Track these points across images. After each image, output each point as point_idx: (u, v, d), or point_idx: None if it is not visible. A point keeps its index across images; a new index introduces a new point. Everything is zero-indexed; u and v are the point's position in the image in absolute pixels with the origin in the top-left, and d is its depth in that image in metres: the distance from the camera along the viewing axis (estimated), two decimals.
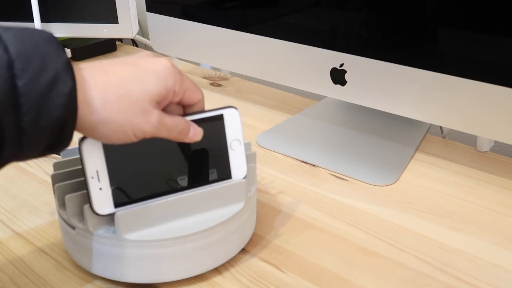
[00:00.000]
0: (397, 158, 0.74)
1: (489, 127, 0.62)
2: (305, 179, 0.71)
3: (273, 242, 0.60)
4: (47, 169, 0.73)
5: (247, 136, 0.61)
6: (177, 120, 0.50)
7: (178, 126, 0.50)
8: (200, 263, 0.54)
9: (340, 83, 0.72)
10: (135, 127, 0.46)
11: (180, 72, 0.50)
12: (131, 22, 0.99)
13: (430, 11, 0.63)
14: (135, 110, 0.46)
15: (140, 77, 0.47)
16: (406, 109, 0.68)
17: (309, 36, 0.74)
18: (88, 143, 0.49)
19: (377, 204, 0.66)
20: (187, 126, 0.51)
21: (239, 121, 0.55)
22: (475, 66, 0.61)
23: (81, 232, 0.52)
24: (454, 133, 0.83)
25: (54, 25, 1.02)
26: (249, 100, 0.94)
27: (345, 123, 0.83)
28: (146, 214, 0.51)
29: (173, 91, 0.49)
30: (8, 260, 0.57)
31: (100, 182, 0.50)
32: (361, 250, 0.58)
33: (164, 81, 0.48)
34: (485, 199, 0.66)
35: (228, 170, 0.55)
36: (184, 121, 0.50)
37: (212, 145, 0.54)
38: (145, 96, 0.46)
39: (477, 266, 0.56)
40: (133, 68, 0.47)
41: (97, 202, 0.50)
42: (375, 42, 0.69)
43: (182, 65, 1.11)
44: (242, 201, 0.55)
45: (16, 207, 0.66)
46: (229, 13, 0.84)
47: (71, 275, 0.55)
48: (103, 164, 0.50)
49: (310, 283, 0.54)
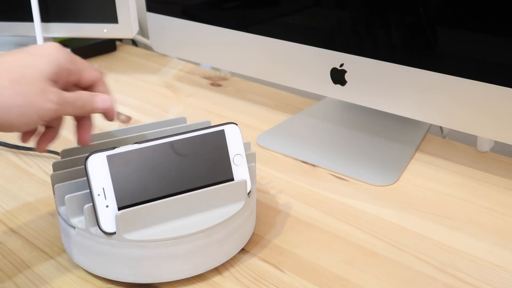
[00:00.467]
0: (397, 158, 0.74)
1: (489, 127, 0.62)
2: (305, 179, 0.71)
3: (273, 242, 0.60)
4: (47, 169, 0.73)
5: (247, 136, 0.61)
6: (78, 94, 0.51)
7: (81, 98, 0.51)
8: (200, 263, 0.54)
9: (340, 83, 0.72)
10: (38, 108, 0.47)
11: (70, 53, 0.52)
12: (131, 22, 0.99)
13: (430, 11, 0.63)
14: (32, 91, 0.47)
15: (31, 61, 0.49)
16: (406, 109, 0.68)
17: (309, 36, 0.74)
18: (93, 160, 0.49)
19: (377, 204, 0.66)
20: (91, 96, 0.52)
21: (240, 136, 0.55)
22: (475, 66, 0.61)
23: (81, 232, 0.52)
24: (454, 133, 0.82)
25: (54, 25, 1.02)
26: (249, 100, 0.94)
27: (345, 123, 0.83)
28: (146, 214, 0.51)
29: (66, 69, 0.51)
30: (8, 260, 0.57)
31: (107, 200, 0.50)
32: (361, 250, 0.58)
33: (55, 60, 0.50)
34: (485, 199, 0.66)
35: None
36: (87, 93, 0.52)
37: (215, 161, 0.54)
38: (39, 76, 0.48)
39: (477, 266, 0.56)
40: (23, 55, 0.50)
41: (104, 220, 0.50)
42: (375, 42, 0.69)
43: (182, 65, 1.11)
44: (242, 201, 0.55)
45: (16, 207, 0.66)
46: (229, 13, 0.84)
47: (71, 275, 0.55)
48: (109, 181, 0.50)
49: (310, 283, 0.54)
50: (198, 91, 0.98)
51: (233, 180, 0.55)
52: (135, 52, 1.19)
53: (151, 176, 0.51)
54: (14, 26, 1.04)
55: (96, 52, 1.15)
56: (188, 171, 0.53)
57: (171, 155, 0.52)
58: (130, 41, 1.26)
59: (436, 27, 0.63)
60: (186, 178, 0.53)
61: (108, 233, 0.50)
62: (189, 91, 0.98)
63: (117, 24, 1.00)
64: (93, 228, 0.51)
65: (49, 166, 0.73)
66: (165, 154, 0.52)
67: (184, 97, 0.96)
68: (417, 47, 0.65)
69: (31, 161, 0.75)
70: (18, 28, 1.04)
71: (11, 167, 0.74)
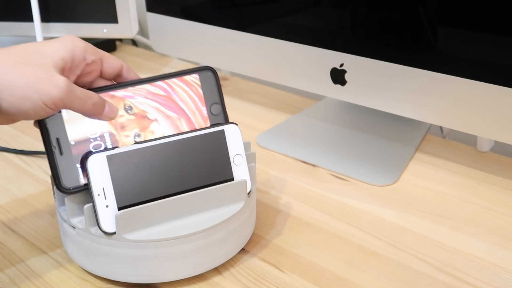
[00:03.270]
0: (397, 158, 0.74)
1: (489, 127, 0.62)
2: (305, 179, 0.71)
3: (273, 242, 0.60)
4: (47, 169, 0.73)
5: (247, 136, 0.61)
6: (90, 93, 0.49)
7: (91, 98, 0.49)
8: (200, 263, 0.54)
9: (340, 83, 0.72)
10: (42, 93, 0.45)
11: (89, 44, 0.50)
12: (131, 22, 0.99)
13: (430, 11, 0.63)
14: (37, 74, 0.45)
15: (41, 47, 0.47)
16: (406, 109, 0.68)
17: (309, 36, 0.74)
18: (93, 160, 0.49)
19: (377, 204, 0.66)
20: (102, 101, 0.50)
21: (240, 136, 0.55)
22: (475, 66, 0.61)
23: (81, 232, 0.52)
24: (454, 133, 0.83)
25: (54, 25, 1.02)
26: (249, 100, 0.94)
27: (345, 123, 0.83)
28: (146, 214, 0.51)
29: (83, 59, 0.49)
30: (8, 260, 0.57)
31: (107, 200, 0.50)
32: (361, 250, 0.58)
33: (71, 48, 0.48)
34: (485, 199, 0.66)
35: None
36: (99, 96, 0.50)
37: (215, 161, 0.54)
38: (47, 61, 0.46)
39: (477, 266, 0.56)
40: (36, 43, 0.48)
41: (104, 220, 0.50)
42: (375, 42, 0.69)
43: (182, 65, 1.11)
44: (242, 201, 0.55)
45: (16, 207, 0.66)
46: (229, 13, 0.84)
47: (71, 275, 0.55)
48: (109, 181, 0.50)
49: (310, 283, 0.54)
50: None
51: (233, 180, 0.55)
52: (135, 52, 1.19)
53: (151, 176, 0.51)
54: (14, 26, 1.04)
55: None
56: (188, 171, 0.53)
57: (171, 155, 0.52)
58: (130, 41, 1.26)
59: (436, 27, 0.63)
60: (186, 178, 0.53)
61: (108, 233, 0.50)
62: None
63: (117, 24, 1.00)
64: (93, 228, 0.51)
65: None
66: (165, 154, 0.52)
67: None
68: (417, 47, 0.65)
69: (31, 161, 0.75)
70: (18, 28, 1.04)
71: (11, 167, 0.74)
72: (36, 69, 0.45)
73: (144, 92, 0.55)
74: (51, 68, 0.46)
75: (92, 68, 0.51)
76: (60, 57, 0.47)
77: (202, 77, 0.57)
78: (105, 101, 0.51)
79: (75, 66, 0.49)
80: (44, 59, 0.46)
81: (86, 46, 0.50)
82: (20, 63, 0.45)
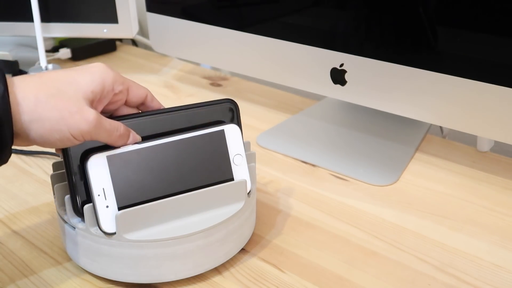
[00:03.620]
0: (397, 158, 0.74)
1: (489, 127, 0.62)
2: (305, 179, 0.71)
3: (273, 242, 0.60)
4: (47, 169, 0.73)
5: (247, 136, 0.61)
6: (117, 124, 0.50)
7: (118, 130, 0.50)
8: (200, 263, 0.54)
9: (340, 83, 0.72)
10: (71, 125, 0.46)
11: (118, 73, 0.51)
12: (131, 22, 0.99)
13: (430, 11, 0.63)
14: (68, 107, 0.46)
15: (72, 78, 0.48)
16: (406, 109, 0.68)
17: (309, 36, 0.74)
18: (93, 160, 0.49)
19: (377, 204, 0.66)
20: (127, 131, 0.51)
21: (240, 136, 0.55)
22: (475, 66, 0.61)
23: (81, 232, 0.52)
24: (454, 133, 0.82)
25: (54, 25, 1.02)
26: (249, 100, 0.94)
27: (345, 123, 0.83)
28: (146, 214, 0.51)
29: (112, 89, 0.50)
30: (8, 260, 0.57)
31: (107, 200, 0.50)
32: (361, 250, 0.58)
33: (100, 79, 0.49)
34: (485, 199, 0.66)
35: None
36: (124, 127, 0.51)
37: (215, 161, 0.54)
38: (77, 94, 0.47)
39: (477, 266, 0.56)
40: (67, 72, 0.48)
41: (104, 220, 0.50)
42: (375, 42, 0.69)
43: (182, 65, 1.11)
44: (242, 201, 0.55)
45: (16, 207, 0.66)
46: (229, 13, 0.84)
47: (71, 275, 0.55)
48: (109, 181, 0.50)
49: (310, 283, 0.54)
50: (198, 91, 0.98)
51: (233, 180, 0.55)
52: (135, 52, 1.19)
53: (151, 176, 0.51)
54: (14, 26, 1.04)
55: (96, 52, 1.15)
56: (188, 171, 0.53)
57: (171, 155, 0.52)
58: (130, 41, 1.26)
59: (436, 27, 0.63)
60: (186, 178, 0.53)
61: (108, 233, 0.50)
62: (189, 91, 0.98)
63: (117, 24, 1.00)
64: (93, 228, 0.51)
65: (49, 166, 0.73)
66: (165, 154, 0.52)
67: (184, 97, 0.96)
68: (417, 47, 0.65)
69: (31, 161, 0.75)
70: (18, 28, 1.04)
71: (11, 167, 0.74)
72: (67, 102, 0.46)
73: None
74: (82, 100, 0.47)
75: (119, 98, 0.52)
76: (91, 90, 0.48)
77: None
78: (130, 131, 0.51)
79: (103, 97, 0.50)
80: (75, 91, 0.47)
81: (115, 76, 0.50)
82: (52, 94, 0.45)
